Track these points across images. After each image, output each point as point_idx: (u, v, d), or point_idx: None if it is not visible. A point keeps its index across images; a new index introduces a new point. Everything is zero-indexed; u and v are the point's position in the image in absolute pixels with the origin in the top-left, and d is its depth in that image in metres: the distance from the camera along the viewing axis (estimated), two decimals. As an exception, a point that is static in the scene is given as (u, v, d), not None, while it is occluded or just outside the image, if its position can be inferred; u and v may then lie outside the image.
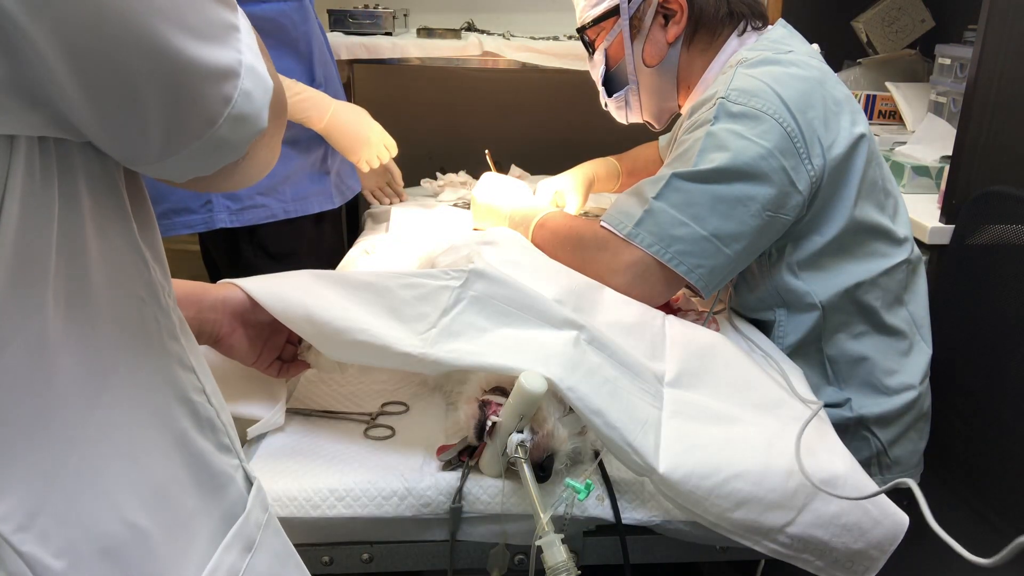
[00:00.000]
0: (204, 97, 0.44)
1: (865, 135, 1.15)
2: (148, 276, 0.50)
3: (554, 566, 0.73)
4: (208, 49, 0.43)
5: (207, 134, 0.45)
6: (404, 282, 0.91)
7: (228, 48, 0.45)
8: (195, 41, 0.42)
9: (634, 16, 1.26)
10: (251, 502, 0.56)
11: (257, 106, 0.46)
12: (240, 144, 0.47)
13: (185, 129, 0.44)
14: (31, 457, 0.41)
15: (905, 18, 2.17)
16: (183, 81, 0.42)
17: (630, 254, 1.12)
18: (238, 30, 0.46)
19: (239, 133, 0.46)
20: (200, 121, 0.44)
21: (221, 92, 0.44)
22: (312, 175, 1.56)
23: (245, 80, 0.45)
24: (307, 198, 1.55)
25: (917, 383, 1.21)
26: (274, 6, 1.41)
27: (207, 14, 0.44)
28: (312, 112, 1.44)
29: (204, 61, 0.43)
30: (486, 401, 0.83)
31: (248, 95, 0.46)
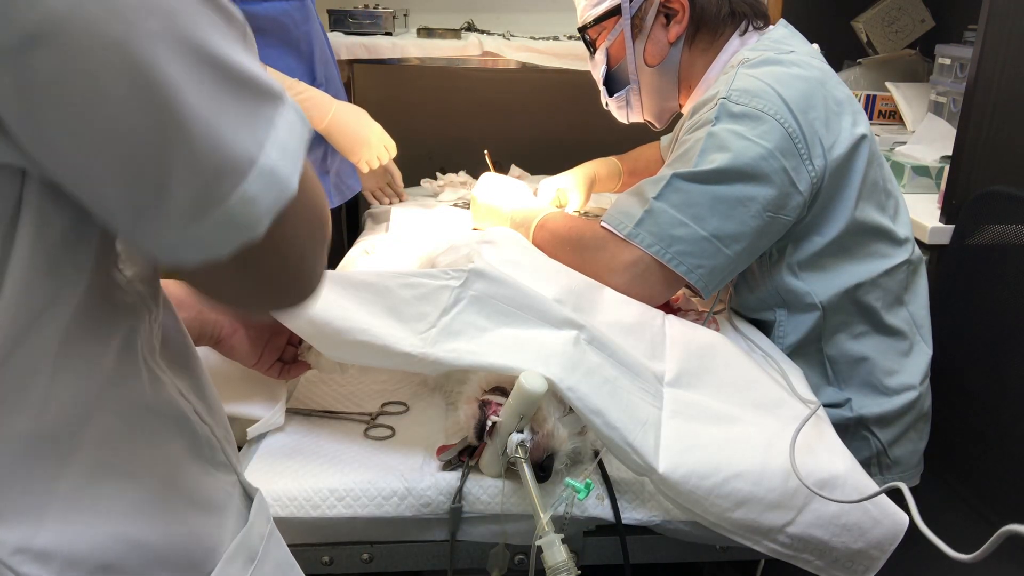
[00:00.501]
0: (192, 187, 0.38)
1: (866, 135, 1.15)
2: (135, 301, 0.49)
3: (554, 566, 0.73)
4: (219, 128, 0.38)
5: (184, 229, 0.39)
6: (404, 282, 0.91)
7: (246, 138, 0.40)
8: (205, 109, 0.38)
9: (635, 16, 1.26)
10: (253, 514, 0.55)
11: (256, 214, 0.40)
12: (224, 248, 0.41)
13: (157, 214, 0.39)
14: (27, 479, 0.41)
15: (905, 18, 2.17)
16: (168, 154, 0.37)
17: (630, 254, 1.12)
18: (271, 123, 0.41)
19: (224, 237, 0.40)
20: (177, 212, 0.39)
21: (213, 188, 0.39)
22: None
23: (252, 183, 0.40)
24: None
25: (917, 383, 1.21)
26: (276, 5, 1.42)
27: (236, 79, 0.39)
28: (313, 112, 1.44)
29: (205, 140, 0.38)
30: (486, 401, 0.83)
31: (250, 201, 0.40)
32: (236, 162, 0.39)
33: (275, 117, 0.42)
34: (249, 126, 0.40)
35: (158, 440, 0.49)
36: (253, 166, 0.40)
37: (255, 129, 0.40)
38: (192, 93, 0.37)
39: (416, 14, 2.31)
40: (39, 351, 0.41)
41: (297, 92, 1.42)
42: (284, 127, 0.42)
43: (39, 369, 0.41)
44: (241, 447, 0.91)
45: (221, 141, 0.38)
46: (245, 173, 0.39)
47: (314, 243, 0.49)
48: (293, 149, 0.42)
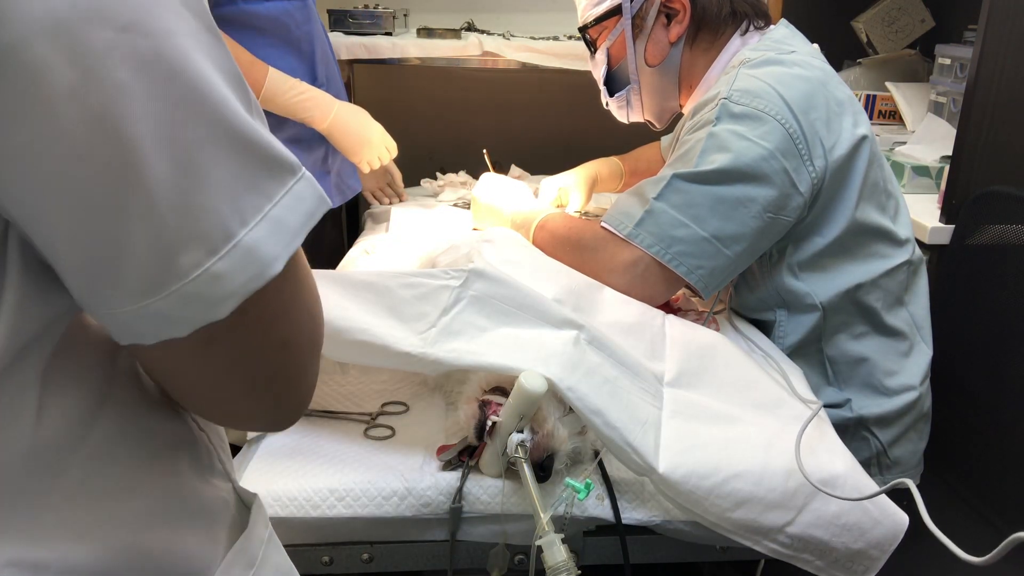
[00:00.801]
0: (151, 257, 0.35)
1: (867, 136, 1.15)
2: None
3: (554, 566, 0.73)
4: (190, 196, 0.35)
5: (140, 302, 0.36)
6: (404, 282, 0.91)
7: (227, 210, 0.36)
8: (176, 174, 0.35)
9: (636, 15, 1.26)
10: (252, 520, 0.55)
11: (221, 293, 0.37)
12: (181, 326, 0.38)
13: (111, 281, 0.36)
14: (21, 493, 0.40)
15: (905, 18, 2.17)
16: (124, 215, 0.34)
17: (630, 254, 1.12)
18: (269, 197, 0.38)
19: (184, 312, 0.37)
20: (133, 281, 0.36)
21: (177, 261, 0.36)
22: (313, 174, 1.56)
23: (224, 260, 0.36)
24: None
25: (917, 384, 1.21)
26: (277, 5, 1.42)
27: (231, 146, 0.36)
28: (315, 112, 1.44)
29: (169, 207, 0.35)
30: (486, 401, 0.83)
31: (215, 278, 0.36)
32: (207, 235, 0.36)
33: (276, 192, 0.39)
34: (234, 198, 0.37)
35: (156, 450, 0.48)
36: (228, 242, 0.37)
37: (243, 201, 0.37)
38: (161, 155, 0.34)
39: (416, 14, 2.31)
40: (31, 369, 0.40)
41: (299, 92, 1.42)
42: (287, 202, 0.39)
43: (31, 385, 0.40)
44: (241, 447, 0.91)
45: (191, 209, 0.35)
46: (216, 249, 0.36)
47: (301, 342, 0.45)
48: (290, 227, 0.39)
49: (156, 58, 0.34)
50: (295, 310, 0.44)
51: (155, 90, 0.34)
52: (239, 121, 0.37)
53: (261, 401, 0.46)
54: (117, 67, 0.33)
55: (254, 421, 0.49)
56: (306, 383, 0.47)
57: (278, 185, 0.39)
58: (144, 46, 0.34)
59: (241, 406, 0.46)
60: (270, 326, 0.42)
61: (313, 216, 0.41)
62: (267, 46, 1.42)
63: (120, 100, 0.33)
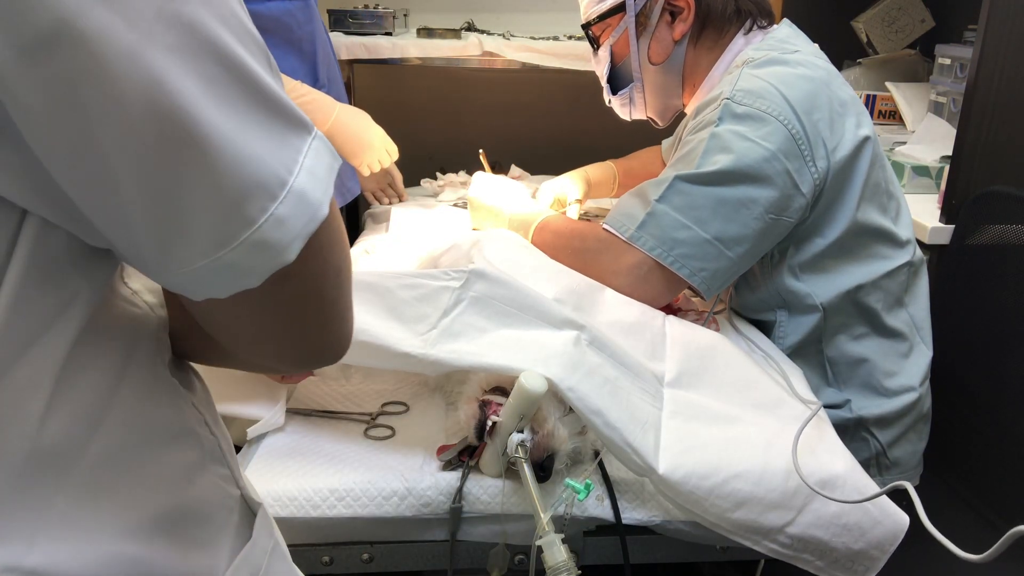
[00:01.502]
0: (219, 209, 0.37)
1: (870, 137, 1.15)
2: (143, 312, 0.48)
3: (554, 566, 0.73)
4: (246, 148, 0.37)
5: (213, 256, 0.38)
6: (404, 282, 0.91)
7: (274, 159, 0.39)
8: (231, 128, 0.37)
9: (640, 13, 1.25)
10: (257, 529, 0.54)
11: (289, 237, 0.39)
12: (256, 275, 0.40)
13: (182, 241, 0.38)
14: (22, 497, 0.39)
15: (905, 18, 2.17)
16: (189, 174, 0.36)
17: (632, 256, 1.12)
18: (299, 150, 0.40)
19: (255, 261, 0.39)
20: (204, 237, 0.38)
21: (244, 210, 0.38)
22: None
23: (283, 205, 0.39)
24: None
25: (917, 385, 1.21)
26: (279, 5, 1.41)
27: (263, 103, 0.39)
28: (316, 115, 1.43)
29: (230, 159, 0.37)
30: (486, 401, 0.83)
31: (280, 222, 0.39)
32: (265, 183, 0.38)
33: (303, 146, 0.41)
34: (278, 148, 0.39)
35: (164, 455, 0.47)
36: (283, 188, 0.39)
37: (283, 152, 0.39)
38: (215, 111, 0.36)
39: (416, 14, 2.31)
40: (39, 368, 0.40)
41: (300, 94, 1.41)
42: (312, 155, 0.41)
43: (38, 386, 0.40)
44: (241, 447, 0.91)
45: (248, 161, 0.37)
46: (275, 195, 0.38)
47: (343, 282, 0.47)
48: (322, 176, 0.42)
49: (197, 23, 0.36)
50: (340, 241, 0.47)
51: (200, 51, 0.36)
52: (267, 82, 0.39)
53: (318, 334, 0.48)
54: (168, 30, 0.35)
55: (313, 356, 0.51)
56: (351, 312, 0.50)
57: (302, 139, 0.41)
58: (186, 11, 0.36)
59: (300, 343, 0.48)
60: (327, 258, 0.45)
61: (332, 169, 0.43)
62: (269, 46, 1.41)
63: (175, 60, 0.35)
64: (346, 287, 0.49)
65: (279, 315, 0.45)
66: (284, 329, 0.47)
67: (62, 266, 0.40)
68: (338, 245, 0.46)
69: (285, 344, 0.48)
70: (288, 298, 0.44)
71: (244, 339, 0.47)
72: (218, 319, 0.46)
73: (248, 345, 0.48)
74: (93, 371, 0.43)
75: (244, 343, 0.48)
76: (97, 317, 0.43)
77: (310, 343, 0.49)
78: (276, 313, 0.45)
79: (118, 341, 0.45)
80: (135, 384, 0.46)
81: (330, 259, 0.45)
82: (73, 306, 0.41)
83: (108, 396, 0.43)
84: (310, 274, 0.44)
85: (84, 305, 0.42)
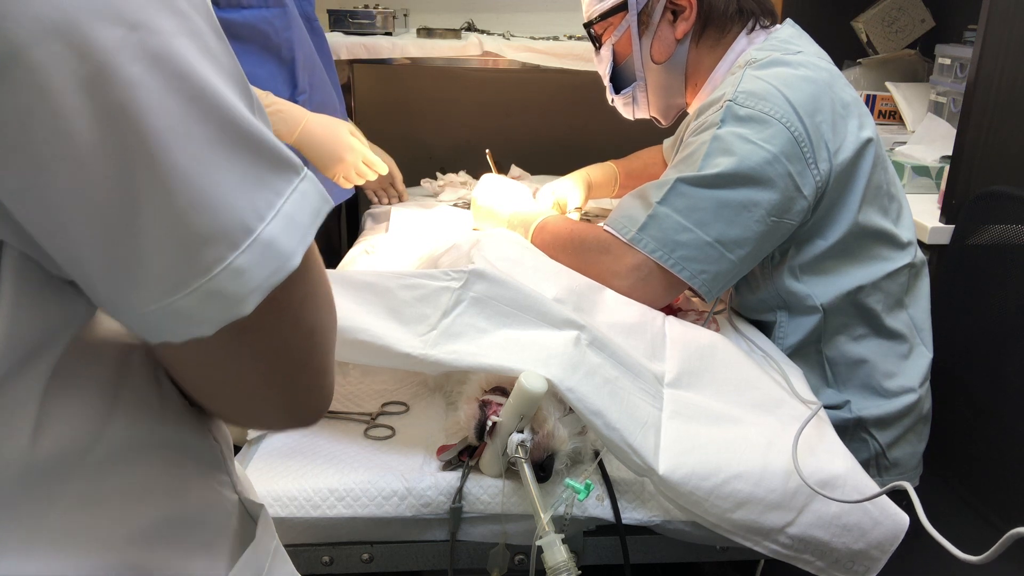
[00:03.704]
0: (172, 255, 0.35)
1: (872, 139, 1.15)
2: None
3: (554, 566, 0.73)
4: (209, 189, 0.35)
5: (164, 301, 0.36)
6: (404, 283, 0.91)
7: (244, 204, 0.37)
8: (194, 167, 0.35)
9: (642, 12, 1.25)
10: (259, 531, 0.54)
11: (246, 288, 0.37)
12: (207, 324, 0.37)
13: (133, 281, 0.36)
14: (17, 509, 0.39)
15: (905, 18, 2.17)
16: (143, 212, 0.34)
17: (633, 258, 1.11)
18: (279, 193, 0.38)
19: (209, 310, 0.37)
20: (155, 280, 0.36)
21: (199, 258, 0.35)
22: None
23: (245, 254, 0.36)
24: None
25: (916, 386, 1.21)
26: (255, 12, 1.39)
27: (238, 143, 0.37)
28: (280, 126, 1.38)
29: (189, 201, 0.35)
30: (486, 401, 0.83)
31: (238, 273, 0.36)
32: (227, 230, 0.36)
33: (284, 189, 0.39)
34: (249, 192, 0.37)
35: (164, 463, 0.47)
36: (248, 236, 0.37)
37: (256, 196, 0.37)
38: (177, 151, 0.34)
39: (416, 14, 2.31)
40: (31, 382, 0.39)
41: (265, 105, 1.36)
42: (296, 199, 0.39)
43: (31, 400, 0.39)
44: (241, 447, 0.91)
45: (209, 206, 0.35)
46: (237, 243, 0.36)
47: (319, 344, 0.44)
48: (302, 223, 0.39)
49: (167, 55, 0.35)
50: (317, 298, 0.44)
51: (169, 85, 0.34)
52: (245, 120, 0.38)
53: (290, 395, 0.45)
54: (131, 62, 0.33)
55: (282, 417, 0.48)
56: (330, 373, 0.48)
57: (285, 183, 0.39)
58: (154, 43, 0.34)
59: (270, 402, 0.46)
60: (298, 316, 0.42)
61: (319, 213, 0.41)
62: (245, 53, 1.39)
63: (136, 94, 0.33)
64: (322, 349, 0.45)
65: (238, 370, 0.43)
66: (243, 386, 0.44)
67: (49, 287, 0.39)
68: (314, 302, 0.43)
69: (245, 401, 0.46)
70: (248, 353, 0.42)
71: (205, 391, 0.45)
72: (176, 366, 0.44)
73: (208, 397, 0.46)
74: (87, 384, 0.42)
75: (205, 395, 0.46)
76: (88, 332, 0.42)
77: (275, 404, 0.46)
78: (234, 368, 0.42)
79: (111, 354, 0.44)
80: (133, 394, 0.45)
81: (303, 316, 0.42)
82: (62, 325, 0.40)
83: (105, 408, 0.43)
84: (273, 330, 0.41)
85: (74, 323, 0.41)
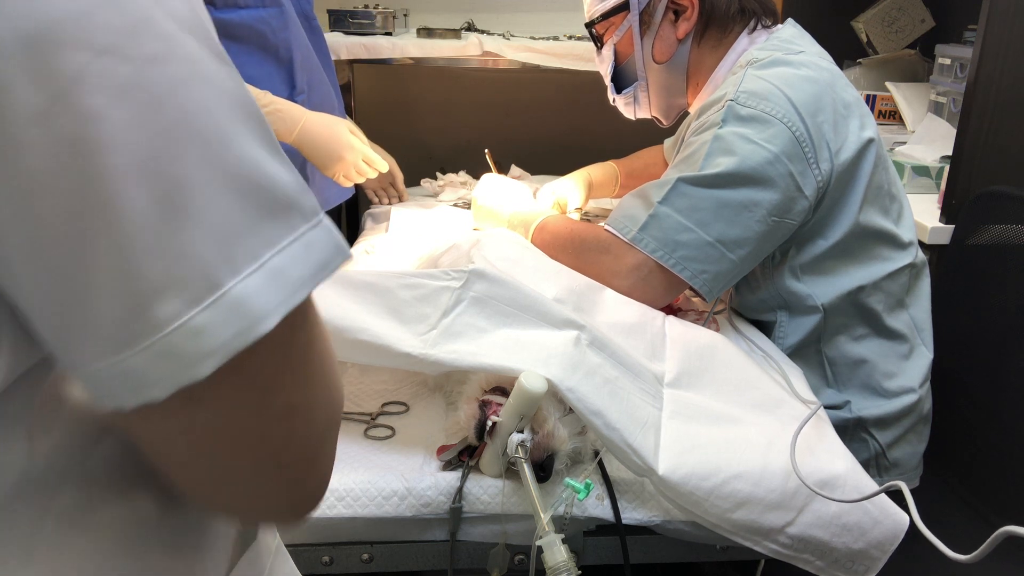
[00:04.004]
0: (122, 306, 0.32)
1: (873, 139, 1.15)
2: None
3: (554, 566, 0.73)
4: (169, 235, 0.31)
5: (114, 356, 0.32)
6: (404, 282, 0.91)
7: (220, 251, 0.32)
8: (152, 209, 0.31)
9: (644, 11, 1.25)
10: (260, 530, 0.54)
11: (204, 350, 0.32)
12: (157, 388, 0.33)
13: (82, 329, 0.32)
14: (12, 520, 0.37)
15: (905, 18, 2.17)
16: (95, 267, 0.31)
17: (633, 258, 1.11)
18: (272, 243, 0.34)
19: (161, 371, 0.33)
20: (104, 330, 0.32)
21: (152, 311, 0.32)
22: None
23: (207, 312, 0.32)
24: None
25: (917, 386, 1.21)
26: (252, 13, 1.39)
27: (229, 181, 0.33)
28: (279, 126, 1.37)
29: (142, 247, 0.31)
30: (486, 401, 0.83)
31: (195, 333, 0.32)
32: (187, 283, 0.32)
33: (281, 238, 0.34)
34: (225, 240, 0.33)
35: None
36: (213, 291, 0.32)
37: (235, 245, 0.33)
38: (138, 189, 0.31)
39: (416, 14, 2.31)
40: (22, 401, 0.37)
41: (262, 105, 1.36)
42: (294, 251, 0.35)
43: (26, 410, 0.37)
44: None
45: (169, 253, 0.32)
46: (199, 298, 0.32)
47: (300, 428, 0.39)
48: (293, 279, 0.35)
49: (138, 85, 0.31)
50: (303, 371, 0.38)
51: (136, 119, 0.31)
52: (240, 157, 0.34)
53: (269, 483, 0.40)
54: (91, 92, 0.30)
55: (262, 509, 0.42)
56: (323, 460, 0.42)
57: (284, 230, 0.35)
58: (124, 72, 0.31)
59: (246, 489, 0.40)
60: (270, 389, 0.37)
61: (326, 268, 0.36)
62: (242, 54, 1.39)
63: (93, 127, 0.30)
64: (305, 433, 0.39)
65: (197, 451, 0.38)
66: (206, 471, 0.39)
67: None
68: (299, 374, 0.38)
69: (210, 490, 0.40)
70: (207, 430, 0.36)
71: (174, 473, 0.40)
72: (140, 438, 0.39)
73: (182, 482, 0.41)
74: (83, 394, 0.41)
75: (177, 479, 0.40)
76: None
77: (246, 495, 0.40)
78: (193, 447, 0.37)
79: None
80: None
81: (275, 391, 0.37)
82: None
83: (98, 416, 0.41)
84: (234, 404, 0.36)
85: None
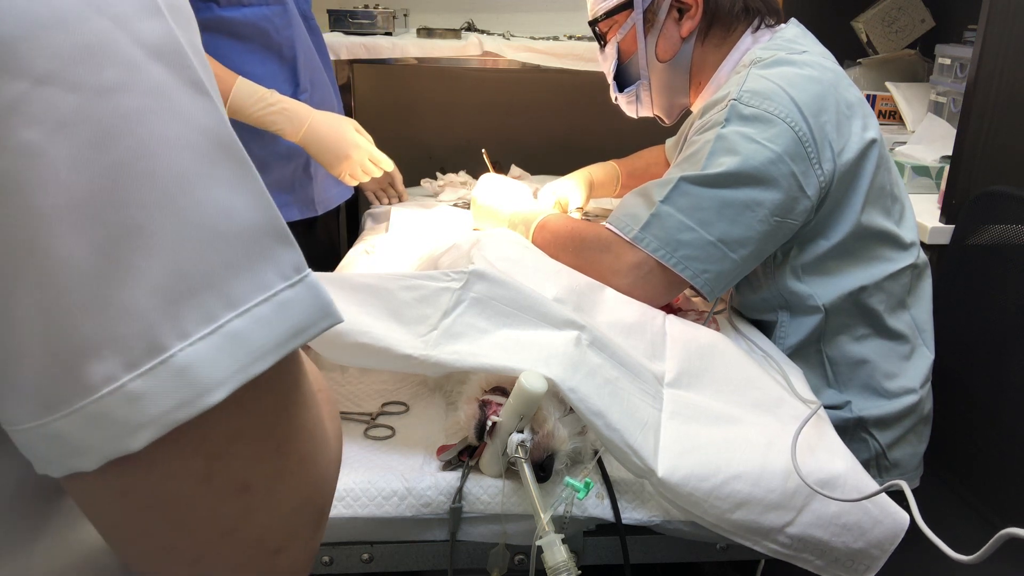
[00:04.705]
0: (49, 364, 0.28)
1: (876, 140, 1.15)
2: None
3: (554, 566, 0.73)
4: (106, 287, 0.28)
5: (41, 419, 0.29)
6: (404, 284, 0.91)
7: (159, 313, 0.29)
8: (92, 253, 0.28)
9: (648, 10, 1.25)
10: None
11: (139, 419, 0.29)
12: (88, 457, 0.30)
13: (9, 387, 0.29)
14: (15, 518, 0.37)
15: (905, 18, 2.17)
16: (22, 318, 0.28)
17: (634, 256, 1.11)
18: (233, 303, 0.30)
19: (92, 439, 0.29)
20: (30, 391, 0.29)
21: (82, 372, 0.28)
22: (294, 181, 1.55)
23: (145, 377, 0.29)
24: (288, 205, 1.54)
25: (917, 387, 1.21)
26: (256, 11, 1.39)
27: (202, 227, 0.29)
28: (285, 125, 1.39)
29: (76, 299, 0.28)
30: (486, 401, 0.83)
31: (132, 399, 0.29)
32: (124, 343, 0.28)
33: (247, 297, 0.30)
34: (173, 301, 0.29)
35: None
36: (154, 355, 0.29)
37: (187, 306, 0.29)
38: (74, 236, 0.28)
39: (416, 14, 2.31)
40: None
41: (268, 104, 1.36)
42: (262, 313, 0.31)
43: None
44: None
45: (107, 310, 0.28)
46: (136, 362, 0.29)
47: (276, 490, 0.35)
48: (254, 346, 0.30)
49: (84, 118, 0.28)
50: (264, 444, 0.34)
51: (77, 156, 0.28)
52: (201, 203, 0.30)
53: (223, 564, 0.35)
54: (26, 124, 0.27)
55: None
56: (295, 547, 0.37)
57: (251, 289, 0.31)
58: (66, 103, 0.28)
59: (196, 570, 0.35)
60: (217, 460, 0.32)
61: (301, 334, 0.32)
62: (246, 52, 1.40)
63: (25, 163, 0.27)
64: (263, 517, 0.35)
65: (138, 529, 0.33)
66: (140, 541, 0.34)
67: None
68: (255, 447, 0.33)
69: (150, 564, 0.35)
70: (142, 499, 0.32)
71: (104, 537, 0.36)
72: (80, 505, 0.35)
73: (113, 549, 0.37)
74: None
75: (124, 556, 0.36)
76: None
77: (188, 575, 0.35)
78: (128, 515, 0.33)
79: None
80: None
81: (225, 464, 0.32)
82: None
83: None
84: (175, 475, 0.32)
85: None
